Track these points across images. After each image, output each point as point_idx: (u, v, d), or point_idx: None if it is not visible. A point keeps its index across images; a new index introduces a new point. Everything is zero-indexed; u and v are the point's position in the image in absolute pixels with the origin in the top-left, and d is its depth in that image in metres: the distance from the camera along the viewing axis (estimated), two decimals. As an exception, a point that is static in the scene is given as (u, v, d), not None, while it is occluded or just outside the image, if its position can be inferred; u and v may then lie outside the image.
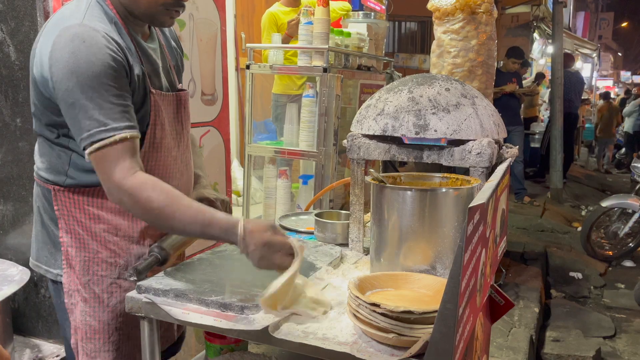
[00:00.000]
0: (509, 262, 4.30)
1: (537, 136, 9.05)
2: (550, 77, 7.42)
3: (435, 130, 1.38)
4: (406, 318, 0.98)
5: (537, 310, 3.54)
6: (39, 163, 1.35)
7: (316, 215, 1.66)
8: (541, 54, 12.93)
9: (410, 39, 9.20)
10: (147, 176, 1.21)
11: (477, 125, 1.40)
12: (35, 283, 1.97)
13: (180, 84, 1.47)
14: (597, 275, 4.59)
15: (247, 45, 2.90)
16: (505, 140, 5.51)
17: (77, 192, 1.29)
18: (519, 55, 5.89)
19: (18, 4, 1.74)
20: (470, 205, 0.89)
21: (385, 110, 1.45)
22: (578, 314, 3.72)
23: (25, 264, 1.80)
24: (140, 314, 1.21)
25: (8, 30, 1.77)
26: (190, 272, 1.30)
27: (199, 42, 2.26)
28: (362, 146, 1.51)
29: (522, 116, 8.66)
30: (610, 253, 4.95)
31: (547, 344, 3.26)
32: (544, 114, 9.93)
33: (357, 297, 1.03)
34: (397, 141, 1.48)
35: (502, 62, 6.12)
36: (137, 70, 1.25)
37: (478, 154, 1.38)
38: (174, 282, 1.23)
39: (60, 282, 1.34)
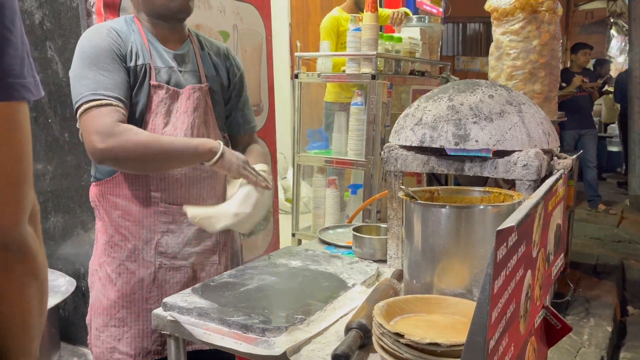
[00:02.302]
0: (580, 276, 4.02)
1: (614, 139, 8.47)
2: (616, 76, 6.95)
3: (477, 141, 1.28)
4: (433, 350, 0.89)
5: (610, 328, 3.27)
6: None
7: (354, 229, 1.59)
8: (619, 51, 12.14)
9: (474, 40, 8.91)
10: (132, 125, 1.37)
11: (523, 134, 1.28)
12: (83, 293, 2.03)
13: (207, 85, 1.55)
14: (682, 291, 4.20)
15: (296, 54, 2.88)
16: (576, 145, 5.18)
17: (103, 183, 1.46)
18: (587, 46, 5.54)
19: (64, 23, 1.81)
20: (499, 228, 0.80)
21: (424, 119, 1.36)
22: (658, 333, 3.40)
23: (74, 274, 1.85)
24: (165, 332, 1.20)
25: (56, 47, 1.85)
26: (217, 290, 1.27)
27: (243, 53, 2.26)
28: (400, 158, 1.43)
29: (601, 120, 8.13)
30: (697, 267, 4.51)
31: (620, 367, 3.00)
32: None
33: (381, 325, 0.96)
34: (437, 152, 1.39)
35: (570, 61, 5.78)
36: (140, 60, 1.43)
37: (524, 166, 1.26)
38: (199, 300, 1.20)
39: None
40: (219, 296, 1.23)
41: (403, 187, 1.18)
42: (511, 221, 0.84)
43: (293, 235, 2.98)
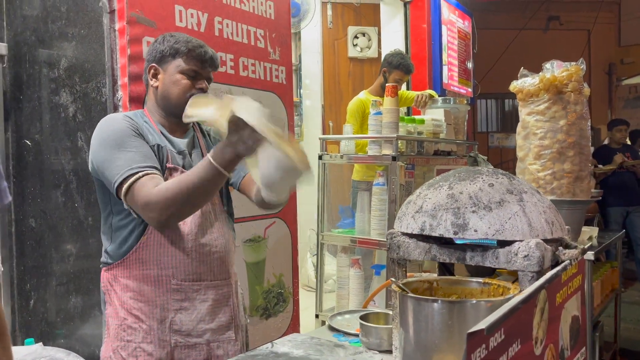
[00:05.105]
0: (631, 365, 3.72)
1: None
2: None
3: (476, 230, 1.26)
4: None
5: None
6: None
7: (361, 317, 1.56)
8: (668, 124, 11.82)
9: (511, 116, 8.91)
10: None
11: (524, 224, 1.26)
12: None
13: None
14: None
15: (319, 137, 2.97)
16: (624, 223, 4.96)
17: (115, 266, 1.50)
18: (622, 122, 5.45)
19: (94, 116, 1.96)
20: (470, 331, 0.77)
21: (424, 207, 1.36)
22: None
23: (90, 356, 1.87)
24: None
25: (86, 138, 1.99)
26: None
27: (264, 138, 2.35)
28: (402, 245, 1.42)
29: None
30: None
31: None
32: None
33: None
34: (438, 240, 1.38)
35: (608, 139, 5.67)
36: (156, 141, 1.52)
37: (525, 256, 1.23)
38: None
39: None
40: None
41: (393, 279, 1.17)
42: (484, 324, 0.81)
43: (317, 316, 2.93)
